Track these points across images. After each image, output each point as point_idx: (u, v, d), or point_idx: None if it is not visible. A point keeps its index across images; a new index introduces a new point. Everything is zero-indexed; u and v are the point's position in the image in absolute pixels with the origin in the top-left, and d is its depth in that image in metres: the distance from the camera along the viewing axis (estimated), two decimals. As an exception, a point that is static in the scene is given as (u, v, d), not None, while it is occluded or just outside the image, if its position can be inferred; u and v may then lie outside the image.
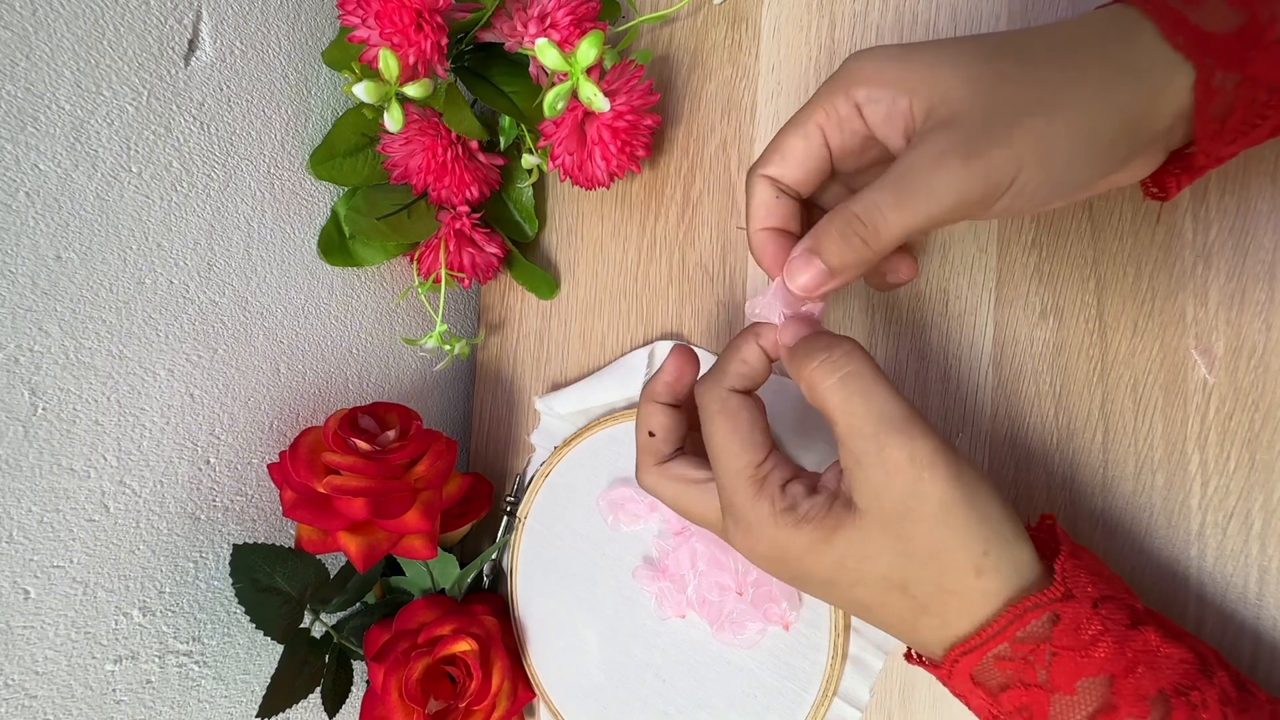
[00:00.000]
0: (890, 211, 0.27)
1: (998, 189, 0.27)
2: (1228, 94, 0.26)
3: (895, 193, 0.27)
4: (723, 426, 0.32)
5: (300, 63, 0.50)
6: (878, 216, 0.28)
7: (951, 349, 0.42)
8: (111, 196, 0.42)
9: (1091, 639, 0.28)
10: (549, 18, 0.45)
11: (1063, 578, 0.29)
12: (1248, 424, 0.35)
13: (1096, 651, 0.28)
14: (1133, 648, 0.28)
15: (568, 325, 0.57)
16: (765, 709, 0.44)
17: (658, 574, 0.48)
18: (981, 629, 0.29)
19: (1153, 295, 0.37)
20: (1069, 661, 0.28)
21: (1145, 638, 0.28)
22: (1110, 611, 0.28)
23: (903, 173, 0.27)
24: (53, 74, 0.39)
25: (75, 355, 0.42)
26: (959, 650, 0.30)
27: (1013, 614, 0.28)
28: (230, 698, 0.50)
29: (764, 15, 0.48)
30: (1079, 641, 0.28)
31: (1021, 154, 0.26)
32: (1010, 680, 0.29)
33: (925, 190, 0.27)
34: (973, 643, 0.29)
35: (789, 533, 0.30)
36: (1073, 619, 0.28)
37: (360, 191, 0.53)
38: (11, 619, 0.40)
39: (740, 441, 0.31)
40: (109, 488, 0.44)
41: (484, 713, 0.49)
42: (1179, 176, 0.30)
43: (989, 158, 0.26)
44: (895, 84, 0.28)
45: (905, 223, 0.28)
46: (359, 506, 0.44)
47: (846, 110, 0.30)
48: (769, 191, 0.32)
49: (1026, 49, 0.28)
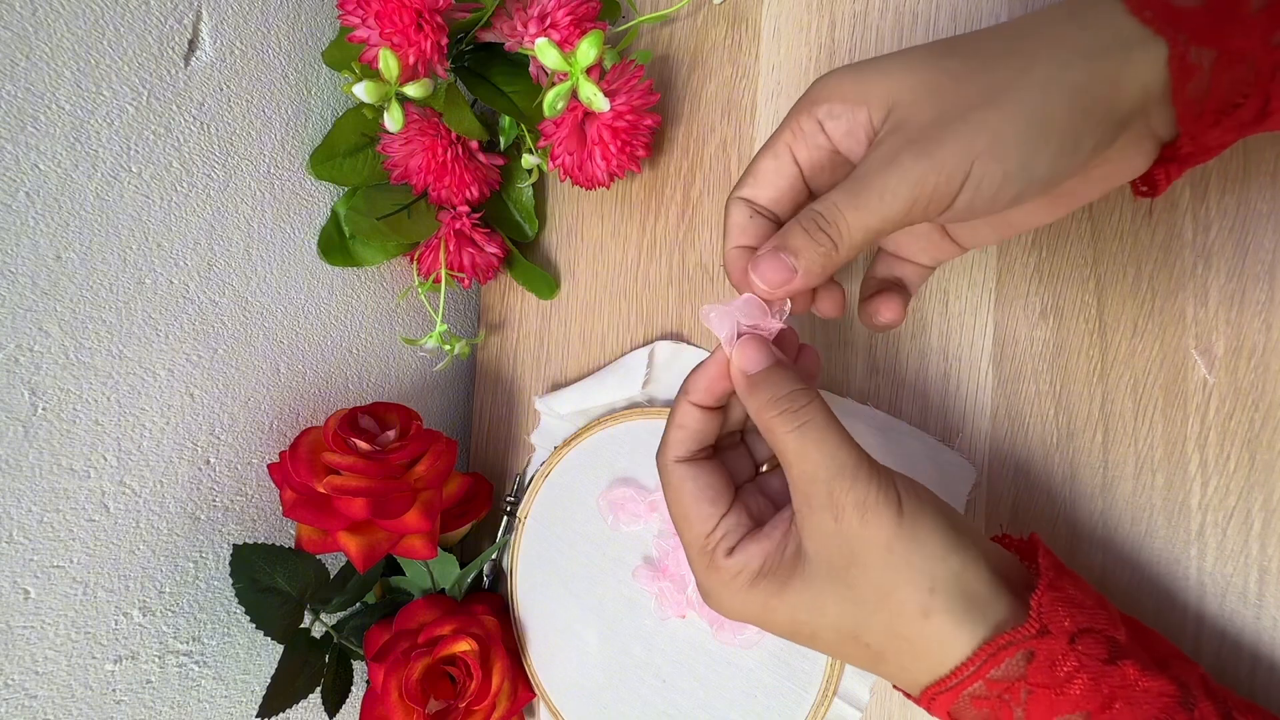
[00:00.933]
0: (848, 212, 0.28)
1: (951, 184, 0.27)
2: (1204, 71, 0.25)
3: (851, 195, 0.28)
4: (670, 499, 0.33)
5: (300, 63, 0.50)
6: (837, 216, 0.28)
7: (951, 349, 0.42)
8: (111, 196, 0.42)
9: (1067, 676, 0.28)
10: (549, 18, 0.45)
11: (1038, 613, 0.28)
12: (1248, 424, 0.35)
13: (1071, 689, 0.27)
14: (1109, 683, 0.28)
15: (568, 325, 0.57)
16: (765, 709, 0.44)
17: (658, 574, 0.48)
18: (956, 668, 0.29)
19: (1153, 295, 0.37)
20: (1044, 699, 0.28)
21: (1123, 672, 0.28)
22: (1087, 646, 0.28)
23: (859, 176, 0.28)
24: (53, 74, 0.39)
25: (75, 355, 0.42)
26: (935, 689, 0.29)
27: (986, 652, 0.28)
28: (230, 698, 0.50)
29: (764, 15, 0.48)
30: (1054, 679, 0.28)
31: (971, 146, 0.26)
32: (987, 718, 0.29)
33: (879, 190, 0.27)
34: (947, 682, 0.29)
35: (744, 596, 0.31)
36: (1047, 656, 0.28)
37: (360, 191, 0.53)
38: (11, 619, 0.40)
39: (686, 515, 0.32)
40: (109, 488, 0.44)
41: (484, 713, 0.49)
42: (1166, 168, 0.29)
43: (938, 153, 0.26)
44: (852, 98, 0.29)
45: (863, 222, 0.28)
46: (359, 506, 0.44)
47: (810, 127, 0.30)
48: (743, 213, 0.32)
49: (977, 46, 0.28)
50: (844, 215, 0.28)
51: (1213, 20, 0.25)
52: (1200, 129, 0.27)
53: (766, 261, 0.30)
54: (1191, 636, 0.36)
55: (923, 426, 0.42)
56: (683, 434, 0.33)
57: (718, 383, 0.32)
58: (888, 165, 0.27)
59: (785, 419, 0.30)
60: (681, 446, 0.33)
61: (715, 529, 0.32)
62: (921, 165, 0.27)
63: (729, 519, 0.32)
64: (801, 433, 0.29)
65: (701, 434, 0.33)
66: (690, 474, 0.32)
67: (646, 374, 0.50)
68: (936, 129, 0.27)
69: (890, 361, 0.44)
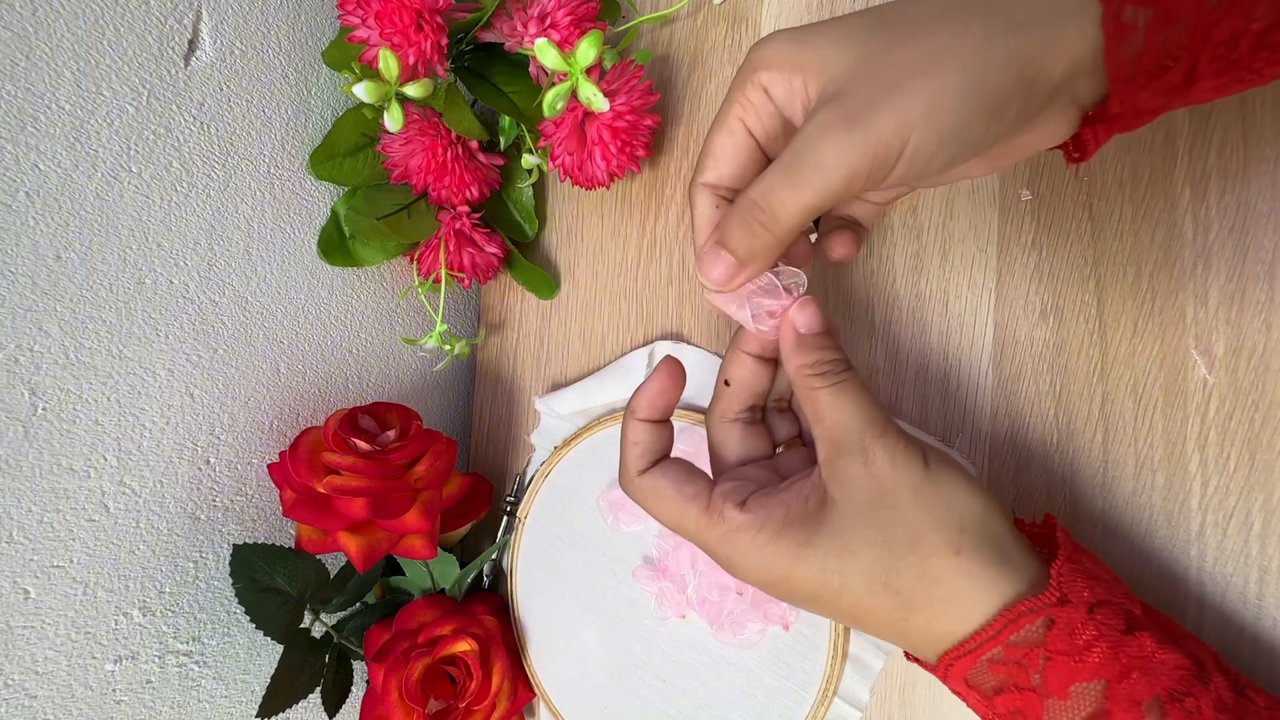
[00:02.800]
0: (785, 192, 0.28)
1: (889, 155, 0.27)
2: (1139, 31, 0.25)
3: (786, 174, 0.28)
4: (654, 509, 0.34)
5: (300, 63, 0.50)
6: (774, 199, 0.28)
7: (951, 349, 0.42)
8: (111, 196, 0.42)
9: (1085, 644, 0.28)
10: (549, 18, 0.45)
11: (1058, 582, 0.29)
12: (1248, 424, 0.35)
13: (1090, 657, 0.28)
14: (1127, 653, 0.28)
15: (568, 325, 0.57)
16: (765, 709, 0.44)
17: (658, 574, 0.48)
18: (976, 632, 0.29)
19: (1153, 295, 0.37)
20: (1063, 666, 0.28)
21: (1140, 643, 0.28)
22: (1105, 617, 0.28)
23: (793, 153, 0.28)
24: (53, 74, 0.39)
25: (75, 355, 0.42)
26: (953, 654, 0.30)
27: (1007, 618, 0.28)
28: (230, 698, 0.50)
29: (764, 15, 0.48)
30: (1073, 646, 0.28)
31: (907, 117, 0.26)
32: (1004, 684, 0.29)
33: (814, 166, 0.27)
34: (967, 646, 0.29)
35: (769, 550, 0.31)
36: (1067, 624, 0.28)
37: (360, 191, 0.53)
38: (11, 619, 0.40)
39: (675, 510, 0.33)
40: (109, 488, 0.44)
41: (484, 713, 0.49)
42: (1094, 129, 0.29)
43: (874, 126, 0.26)
44: (791, 65, 0.29)
45: (801, 201, 0.28)
46: (359, 506, 0.44)
47: (758, 97, 0.30)
48: (709, 202, 0.32)
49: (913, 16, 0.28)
50: (781, 198, 0.28)
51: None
52: (1131, 91, 0.27)
53: (708, 259, 0.30)
54: (1191, 636, 0.36)
55: (923, 426, 0.42)
56: (639, 449, 0.34)
57: (660, 397, 0.34)
58: (822, 140, 0.27)
59: (825, 377, 0.31)
60: (640, 461, 0.34)
61: (711, 496, 0.32)
62: (855, 138, 0.26)
63: (723, 483, 0.33)
64: (840, 389, 0.31)
65: (654, 446, 0.34)
66: (657, 475, 0.33)
67: (646, 374, 0.50)
68: (870, 100, 0.27)
69: (890, 361, 0.44)
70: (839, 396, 0.30)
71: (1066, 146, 0.31)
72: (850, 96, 0.27)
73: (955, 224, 0.42)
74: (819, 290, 0.46)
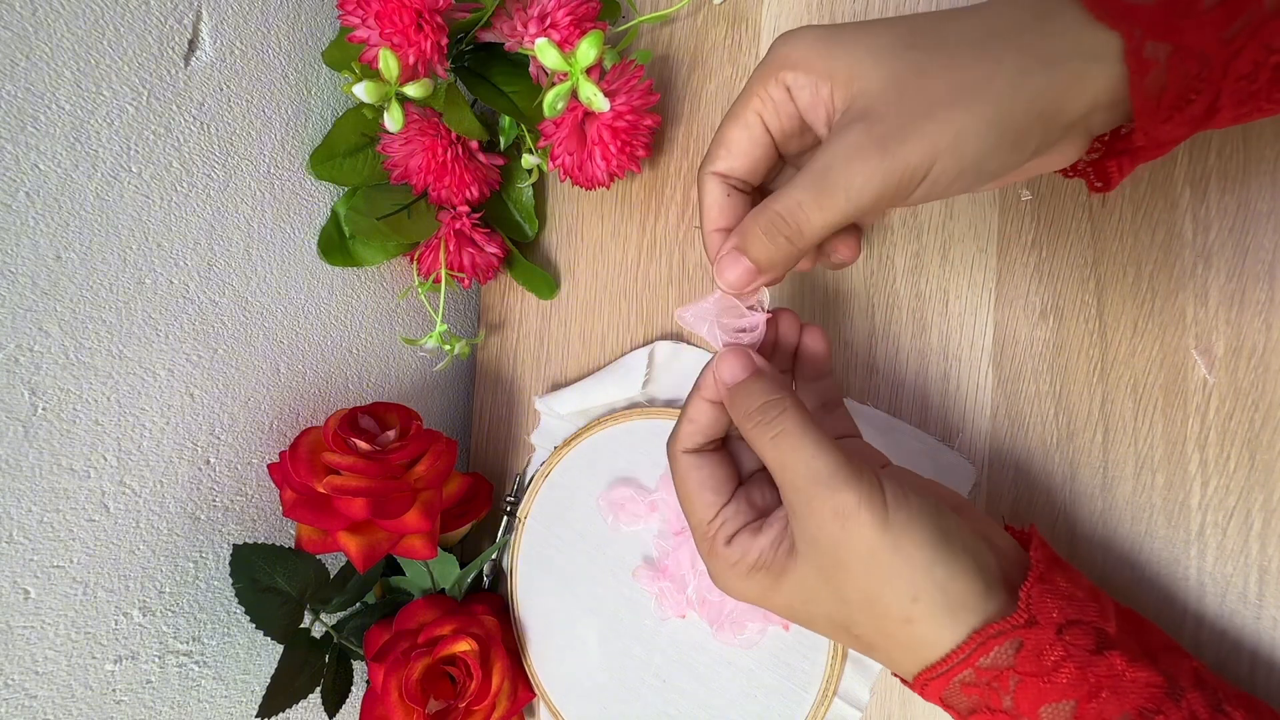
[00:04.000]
0: (812, 211, 0.28)
1: (913, 181, 0.27)
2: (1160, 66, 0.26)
3: (815, 192, 0.28)
4: (678, 485, 0.34)
5: (300, 63, 0.50)
6: (800, 215, 0.29)
7: (951, 349, 0.42)
8: (111, 196, 0.42)
9: (1054, 665, 0.28)
10: (549, 18, 0.45)
11: (1027, 604, 0.29)
12: (1248, 424, 0.35)
13: (1059, 677, 0.28)
14: (1096, 673, 0.28)
15: (568, 325, 0.57)
16: (765, 709, 0.44)
17: (658, 574, 0.48)
18: (946, 656, 0.29)
19: (1153, 295, 0.37)
20: (1032, 688, 0.28)
21: (1110, 662, 0.28)
22: (1074, 637, 0.28)
23: (822, 170, 0.28)
24: (53, 74, 0.39)
25: (75, 355, 0.42)
26: (926, 675, 0.30)
27: (976, 641, 0.29)
28: (230, 698, 0.50)
29: (764, 15, 0.48)
30: (1041, 668, 0.28)
31: (936, 146, 0.27)
32: (977, 705, 0.29)
33: (844, 187, 0.28)
34: (938, 669, 0.29)
35: (743, 582, 0.32)
36: (1035, 645, 0.28)
37: (360, 191, 0.53)
38: (11, 619, 0.40)
39: (690, 502, 0.33)
40: (109, 488, 0.44)
41: (484, 713, 0.49)
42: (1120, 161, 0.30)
43: (904, 152, 0.27)
44: (819, 70, 0.29)
45: (827, 220, 0.28)
46: (359, 506, 0.44)
47: (779, 94, 0.30)
48: (719, 190, 0.32)
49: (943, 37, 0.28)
50: (808, 215, 0.29)
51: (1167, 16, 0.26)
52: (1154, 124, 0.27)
53: (727, 262, 0.31)
54: (1191, 636, 0.36)
55: (923, 426, 0.42)
56: (693, 428, 0.34)
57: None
58: (853, 162, 0.28)
59: (762, 429, 0.30)
60: (690, 439, 0.34)
61: (715, 517, 0.33)
62: (887, 163, 0.27)
63: (729, 509, 0.33)
64: (776, 442, 0.30)
65: (710, 428, 0.34)
66: (696, 464, 0.33)
67: (646, 374, 0.50)
68: (901, 126, 0.27)
69: (890, 361, 0.44)
70: (779, 452, 0.30)
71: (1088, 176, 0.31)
72: (881, 120, 0.27)
73: (955, 224, 0.42)
74: (819, 290, 0.46)
